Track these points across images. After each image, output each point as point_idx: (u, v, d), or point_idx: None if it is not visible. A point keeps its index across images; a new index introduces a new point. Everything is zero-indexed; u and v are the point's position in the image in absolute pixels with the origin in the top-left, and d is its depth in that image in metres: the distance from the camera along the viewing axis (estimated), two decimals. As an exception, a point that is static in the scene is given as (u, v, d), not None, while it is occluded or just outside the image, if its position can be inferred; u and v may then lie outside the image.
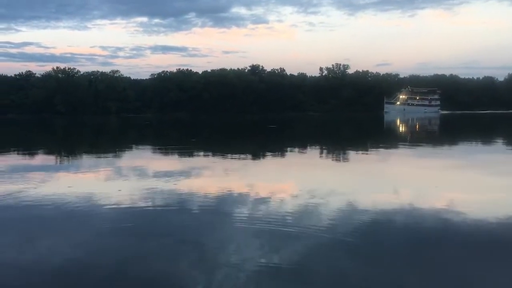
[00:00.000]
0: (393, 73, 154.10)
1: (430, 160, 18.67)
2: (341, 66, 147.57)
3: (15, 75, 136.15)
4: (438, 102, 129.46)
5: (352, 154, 22.40)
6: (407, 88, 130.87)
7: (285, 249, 6.83)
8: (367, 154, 22.46)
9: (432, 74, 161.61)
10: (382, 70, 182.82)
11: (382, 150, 24.23)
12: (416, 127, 55.95)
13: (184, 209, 9.76)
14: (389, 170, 16.19)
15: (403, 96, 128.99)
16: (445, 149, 24.81)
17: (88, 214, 9.34)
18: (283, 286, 5.64)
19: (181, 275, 5.97)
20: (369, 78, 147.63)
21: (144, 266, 6.26)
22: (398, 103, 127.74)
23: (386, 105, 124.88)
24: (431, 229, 8.04)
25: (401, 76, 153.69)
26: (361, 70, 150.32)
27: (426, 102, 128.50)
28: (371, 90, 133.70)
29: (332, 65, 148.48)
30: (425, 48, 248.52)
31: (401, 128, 51.95)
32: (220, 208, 9.70)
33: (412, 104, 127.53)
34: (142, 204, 10.13)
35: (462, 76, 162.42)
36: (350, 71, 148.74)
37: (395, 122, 67.76)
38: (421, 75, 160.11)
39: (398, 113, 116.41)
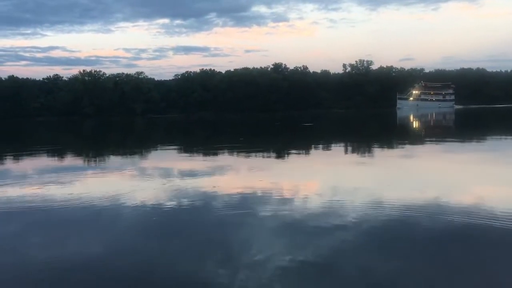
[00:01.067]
0: (418, 68, 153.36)
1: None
2: (364, 62, 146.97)
3: (43, 78, 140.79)
4: (452, 97, 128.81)
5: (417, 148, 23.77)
6: (420, 83, 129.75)
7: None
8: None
9: (458, 68, 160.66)
10: (406, 65, 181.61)
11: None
12: (431, 122, 56.51)
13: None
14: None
15: (416, 92, 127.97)
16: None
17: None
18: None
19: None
20: (394, 74, 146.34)
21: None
22: (411, 98, 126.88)
23: (398, 101, 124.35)
24: None
25: (426, 70, 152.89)
26: (385, 66, 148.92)
27: (440, 97, 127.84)
28: (396, 86, 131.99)
29: (356, 61, 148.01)
30: (449, 42, 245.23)
31: (415, 125, 52.27)
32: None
33: (426, 99, 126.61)
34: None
35: (489, 69, 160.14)
36: (374, 67, 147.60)
37: (408, 118, 67.85)
38: (446, 69, 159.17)
39: (411, 108, 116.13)
